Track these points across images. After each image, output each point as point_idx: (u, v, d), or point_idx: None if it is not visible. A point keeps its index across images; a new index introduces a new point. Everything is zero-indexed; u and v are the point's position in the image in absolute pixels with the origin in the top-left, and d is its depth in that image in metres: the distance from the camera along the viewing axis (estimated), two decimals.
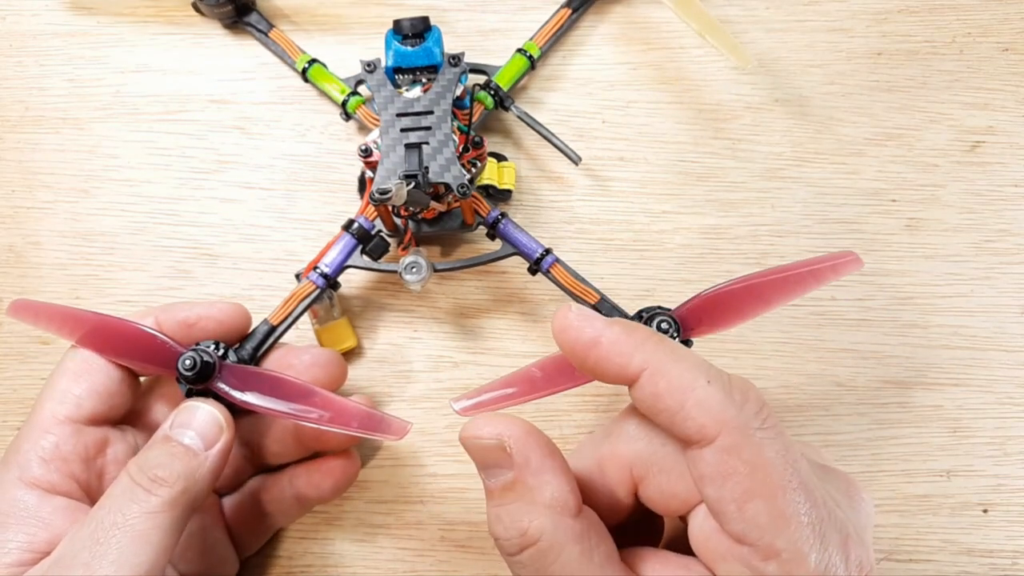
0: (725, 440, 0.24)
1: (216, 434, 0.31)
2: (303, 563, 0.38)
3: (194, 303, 0.35)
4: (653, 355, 0.25)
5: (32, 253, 0.41)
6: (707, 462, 0.25)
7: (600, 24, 0.43)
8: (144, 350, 0.33)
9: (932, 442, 0.40)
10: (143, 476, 0.29)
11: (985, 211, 0.42)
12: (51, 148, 0.42)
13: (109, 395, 0.33)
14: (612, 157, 0.42)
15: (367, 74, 0.36)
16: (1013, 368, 0.41)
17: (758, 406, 0.25)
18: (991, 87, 0.43)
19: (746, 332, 0.40)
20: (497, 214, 0.38)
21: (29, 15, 0.43)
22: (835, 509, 0.25)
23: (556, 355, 0.32)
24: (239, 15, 0.42)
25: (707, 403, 0.24)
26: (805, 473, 0.25)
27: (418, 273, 0.36)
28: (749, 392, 0.25)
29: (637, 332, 0.26)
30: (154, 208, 0.41)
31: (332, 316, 0.39)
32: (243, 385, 0.32)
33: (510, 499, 0.26)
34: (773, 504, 0.24)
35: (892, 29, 0.43)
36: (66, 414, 0.31)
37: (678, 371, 0.25)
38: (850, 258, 0.33)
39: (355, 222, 0.37)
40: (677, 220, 0.42)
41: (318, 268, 0.36)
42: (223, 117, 0.42)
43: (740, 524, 0.24)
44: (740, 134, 0.42)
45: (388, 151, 0.35)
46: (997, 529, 0.39)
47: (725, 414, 0.24)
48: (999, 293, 0.41)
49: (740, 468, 0.24)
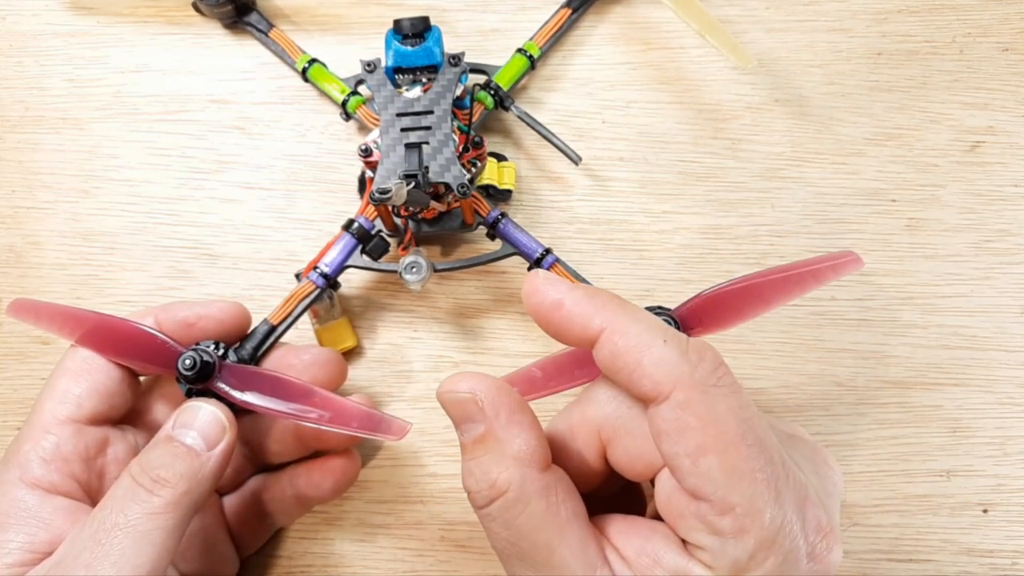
0: (679, 396, 0.25)
1: (219, 434, 0.31)
2: (303, 563, 0.38)
3: (193, 302, 0.35)
4: (613, 316, 0.26)
5: (32, 253, 0.41)
6: (663, 418, 0.25)
7: (600, 24, 0.43)
8: (144, 350, 0.32)
9: (932, 442, 0.40)
10: (145, 477, 0.29)
11: (985, 211, 0.42)
12: (51, 148, 0.42)
13: (109, 395, 0.32)
14: (612, 157, 0.42)
15: (367, 74, 0.36)
16: (1013, 368, 0.41)
17: (713, 365, 0.25)
18: (991, 87, 0.43)
19: (746, 332, 0.40)
20: (497, 214, 0.38)
21: (29, 15, 0.43)
22: (794, 469, 0.25)
23: (556, 355, 0.32)
24: (239, 15, 0.42)
25: (662, 361, 0.25)
26: (761, 430, 0.25)
27: (418, 273, 0.36)
28: (705, 352, 0.26)
29: (599, 296, 0.27)
30: (154, 208, 0.41)
31: (332, 316, 0.39)
32: (243, 385, 0.32)
33: (480, 452, 0.27)
34: (725, 459, 0.24)
35: (892, 29, 0.43)
36: (66, 414, 0.31)
37: (636, 330, 0.26)
38: (850, 258, 0.33)
39: (355, 222, 0.37)
40: (677, 220, 0.42)
41: (318, 268, 0.36)
42: (223, 117, 0.42)
43: (694, 479, 0.25)
44: (740, 134, 0.42)
45: (388, 151, 0.35)
46: (997, 529, 0.39)
47: (679, 370, 0.25)
48: (999, 293, 0.41)
49: (693, 423, 0.25)
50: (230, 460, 0.31)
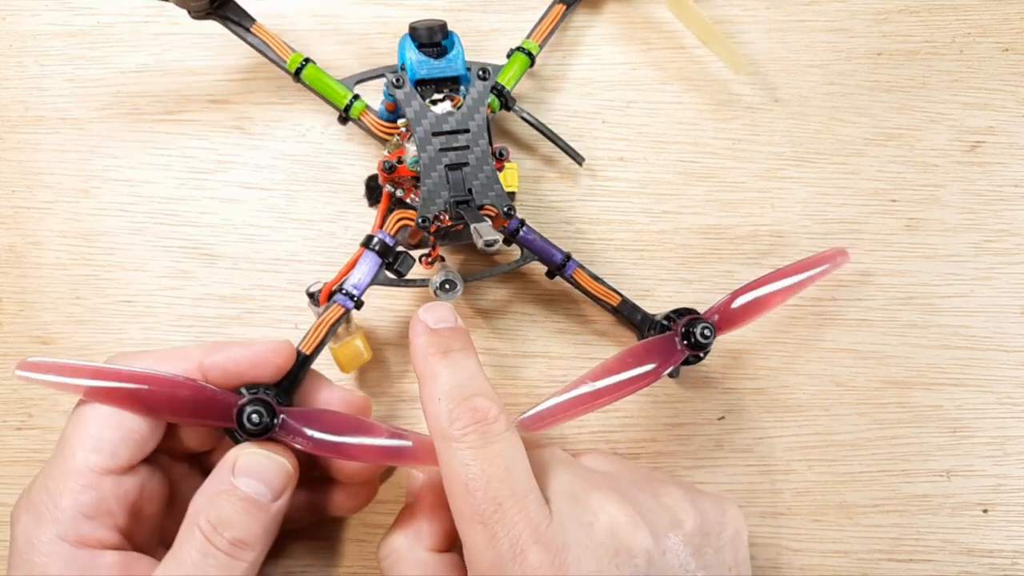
0: (437, 446, 0.30)
1: (285, 484, 0.30)
2: (303, 563, 0.38)
3: (241, 346, 0.32)
4: (429, 368, 0.31)
5: (32, 253, 0.41)
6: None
7: (600, 24, 0.43)
8: (193, 408, 0.30)
9: (932, 442, 0.40)
10: (221, 539, 0.28)
11: (985, 211, 0.42)
12: (51, 148, 0.42)
13: (144, 440, 0.30)
14: (612, 157, 0.42)
15: (395, 88, 0.34)
16: (1013, 368, 0.41)
17: (466, 422, 0.29)
18: (991, 87, 0.43)
19: (746, 332, 0.40)
20: (518, 222, 0.37)
21: (29, 15, 0.43)
22: (535, 514, 0.28)
23: (608, 361, 0.34)
24: (213, 5, 0.37)
25: (432, 415, 0.30)
26: (496, 480, 0.28)
27: (453, 291, 0.36)
28: (464, 413, 0.29)
29: (434, 346, 0.31)
30: (154, 208, 0.41)
31: (348, 332, 0.38)
32: (303, 428, 0.31)
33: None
34: (455, 503, 0.29)
35: (892, 29, 0.43)
36: (103, 465, 0.29)
37: (429, 387, 0.30)
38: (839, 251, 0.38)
39: (374, 238, 0.35)
40: (677, 220, 0.42)
41: (344, 289, 0.35)
42: (223, 117, 0.42)
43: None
44: (740, 134, 0.42)
45: (428, 171, 0.34)
46: (997, 529, 0.39)
47: (438, 424, 0.29)
48: (999, 293, 0.41)
49: (442, 470, 0.29)
50: None
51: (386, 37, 0.42)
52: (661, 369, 0.34)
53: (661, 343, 0.35)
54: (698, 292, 0.41)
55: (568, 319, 0.41)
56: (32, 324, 0.40)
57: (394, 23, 0.42)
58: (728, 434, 0.40)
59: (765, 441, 0.40)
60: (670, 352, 0.35)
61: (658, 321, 0.38)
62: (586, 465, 0.33)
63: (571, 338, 0.41)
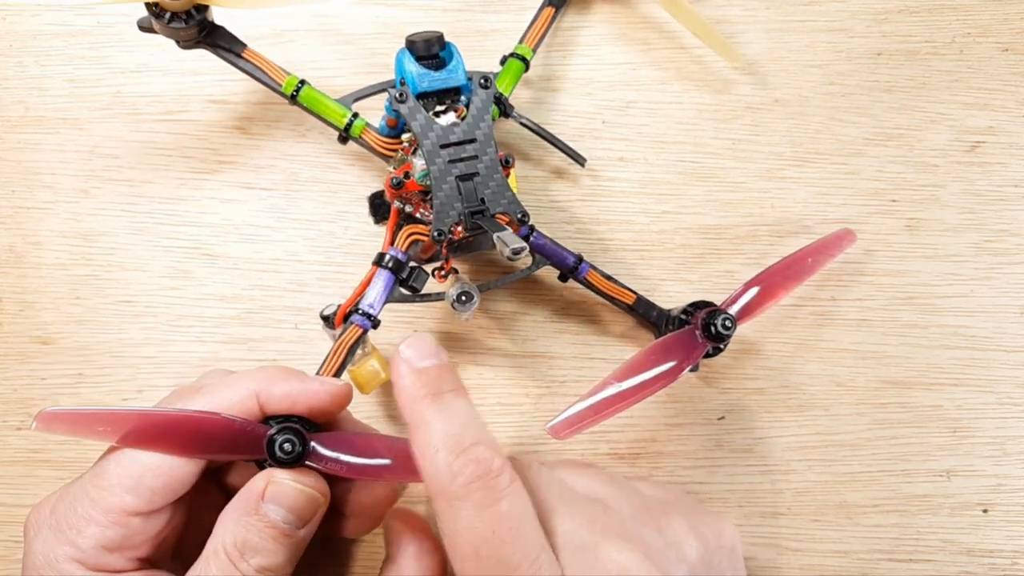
0: (436, 505, 0.27)
1: (312, 512, 0.30)
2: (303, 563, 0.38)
3: (299, 384, 0.31)
4: (418, 413, 0.28)
5: (32, 253, 0.41)
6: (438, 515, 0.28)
7: (600, 24, 0.43)
8: (223, 443, 0.30)
9: (932, 442, 0.40)
10: (246, 565, 0.28)
11: (985, 211, 0.42)
12: (51, 148, 0.42)
13: (182, 486, 0.30)
14: (612, 157, 0.42)
15: (398, 103, 0.34)
16: (1013, 368, 0.41)
17: (471, 478, 0.27)
18: (991, 87, 0.43)
19: (746, 332, 0.40)
20: (527, 229, 0.37)
21: (29, 15, 0.43)
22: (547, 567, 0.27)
23: (632, 360, 0.33)
24: (201, 34, 0.36)
25: (429, 470, 0.27)
26: (508, 543, 0.27)
27: (471, 304, 0.35)
28: (467, 466, 0.27)
29: (422, 388, 0.28)
30: (154, 208, 0.41)
31: (364, 353, 0.36)
32: (336, 454, 0.30)
33: None
34: (461, 566, 0.27)
35: (892, 29, 0.43)
36: (137, 508, 0.29)
37: (423, 435, 0.28)
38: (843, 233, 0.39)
39: (386, 255, 0.35)
40: (677, 220, 0.42)
41: (360, 310, 0.35)
42: (223, 117, 0.42)
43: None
44: (740, 134, 0.42)
45: (439, 183, 0.33)
46: (997, 529, 0.39)
47: (438, 482, 0.27)
48: (999, 293, 0.41)
49: (443, 530, 0.28)
50: None
51: (385, 38, 0.42)
52: (686, 363, 0.34)
53: (682, 337, 0.35)
54: (698, 292, 0.41)
55: (579, 321, 0.41)
56: (32, 324, 0.40)
57: (394, 23, 0.42)
58: (728, 434, 0.40)
59: (765, 441, 0.40)
60: (692, 346, 0.34)
61: (675, 316, 0.38)
62: (579, 491, 0.31)
63: (583, 338, 0.41)
